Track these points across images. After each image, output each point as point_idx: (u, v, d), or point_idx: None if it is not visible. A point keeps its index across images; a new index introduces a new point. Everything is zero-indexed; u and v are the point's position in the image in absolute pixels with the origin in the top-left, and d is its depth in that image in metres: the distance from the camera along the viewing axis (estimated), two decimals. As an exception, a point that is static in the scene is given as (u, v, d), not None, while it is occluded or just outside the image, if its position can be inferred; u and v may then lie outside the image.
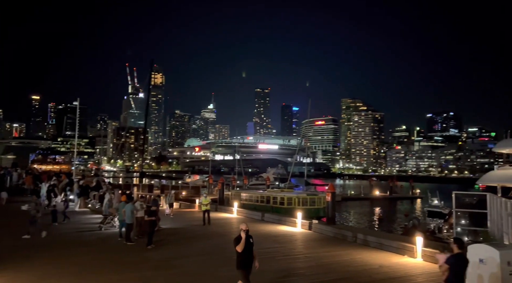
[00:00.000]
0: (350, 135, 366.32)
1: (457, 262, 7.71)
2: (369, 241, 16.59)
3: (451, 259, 7.74)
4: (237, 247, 8.61)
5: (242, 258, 8.75)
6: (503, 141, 32.17)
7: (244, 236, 8.59)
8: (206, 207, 22.31)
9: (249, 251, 8.84)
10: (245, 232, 8.64)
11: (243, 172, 74.24)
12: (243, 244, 8.58)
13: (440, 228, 28.17)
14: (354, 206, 55.21)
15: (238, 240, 8.63)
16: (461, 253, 7.94)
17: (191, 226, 21.67)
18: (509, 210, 15.61)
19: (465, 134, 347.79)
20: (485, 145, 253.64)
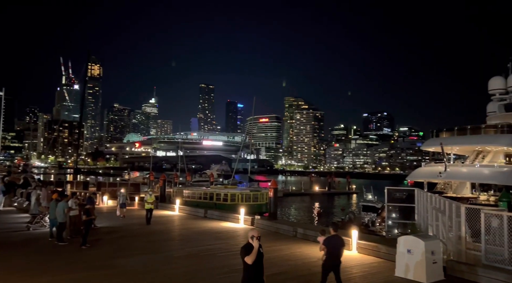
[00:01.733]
0: (292, 132, 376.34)
1: (333, 242, 9.12)
2: (309, 235, 17.19)
3: (328, 240, 9.15)
4: (247, 257, 6.78)
5: (251, 272, 6.93)
6: (429, 140, 35.11)
7: (256, 245, 6.83)
8: (150, 206, 21.34)
9: (260, 264, 7.12)
10: (257, 239, 6.92)
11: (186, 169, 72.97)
12: (255, 254, 6.78)
13: (374, 221, 30.01)
14: (295, 201, 56.83)
15: (247, 249, 6.84)
16: (336, 235, 9.34)
17: (131, 224, 20.89)
18: (434, 203, 17.05)
19: (397, 133, 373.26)
20: (414, 144, 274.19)
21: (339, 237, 9.39)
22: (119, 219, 22.90)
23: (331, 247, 9.09)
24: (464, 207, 12.51)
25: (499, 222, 11.35)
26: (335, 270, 9.14)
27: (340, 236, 9.48)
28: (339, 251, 9.14)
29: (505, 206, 21.10)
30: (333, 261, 9.11)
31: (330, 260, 9.09)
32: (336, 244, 9.15)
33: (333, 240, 9.19)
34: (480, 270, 10.81)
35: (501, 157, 31.25)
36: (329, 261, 9.11)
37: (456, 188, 31.98)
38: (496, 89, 34.43)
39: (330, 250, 9.08)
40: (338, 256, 9.12)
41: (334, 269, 9.14)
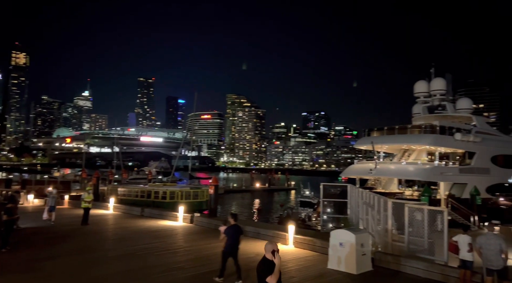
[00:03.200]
0: (234, 130, 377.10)
1: (232, 231, 9.99)
2: (248, 231, 17.36)
3: (228, 229, 10.02)
4: (270, 278, 5.52)
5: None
6: (361, 139, 37.17)
7: (277, 261, 5.64)
8: (87, 205, 20.03)
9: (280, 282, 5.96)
10: (278, 253, 5.70)
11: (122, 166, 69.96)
12: (278, 273, 5.61)
13: (310, 216, 31.13)
14: (236, 198, 57.12)
15: (268, 266, 5.60)
16: (236, 225, 10.26)
17: (59, 225, 19.53)
18: (364, 199, 18.11)
19: (333, 132, 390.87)
20: (348, 142, 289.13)
21: (238, 226, 10.30)
22: (39, 218, 21.22)
23: (230, 236, 9.94)
24: (391, 202, 13.45)
25: (421, 215, 12.37)
26: (234, 257, 10.04)
27: (239, 225, 10.38)
28: (237, 239, 10.03)
29: (426, 200, 23.15)
30: (232, 248, 9.97)
31: (230, 248, 9.94)
32: (235, 233, 10.03)
33: (232, 230, 10.05)
34: (403, 260, 11.71)
35: (424, 155, 34.05)
36: (229, 248, 9.95)
37: (385, 184, 34.28)
38: (420, 92, 37.39)
39: (229, 238, 9.93)
40: (236, 244, 10.00)
41: (233, 255, 10.03)
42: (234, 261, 10.05)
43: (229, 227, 10.20)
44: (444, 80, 36.30)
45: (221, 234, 10.23)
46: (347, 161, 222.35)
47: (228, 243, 9.95)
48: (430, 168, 29.57)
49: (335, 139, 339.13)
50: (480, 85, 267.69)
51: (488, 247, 9.34)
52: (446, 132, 30.69)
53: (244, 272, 11.30)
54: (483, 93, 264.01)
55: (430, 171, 29.15)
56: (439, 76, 36.78)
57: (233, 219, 10.34)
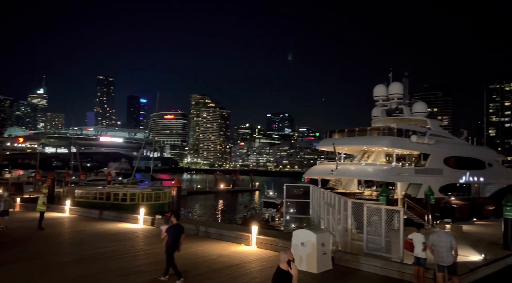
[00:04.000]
0: (198, 130, 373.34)
1: (173, 230, 10.25)
2: (211, 232, 17.27)
3: (169, 228, 10.28)
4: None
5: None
6: (323, 140, 38.02)
7: (294, 271, 5.23)
8: (44, 208, 19.05)
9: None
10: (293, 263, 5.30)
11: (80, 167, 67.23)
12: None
13: (273, 217, 31.41)
14: (199, 199, 56.51)
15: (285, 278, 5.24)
16: (178, 224, 10.56)
17: (11, 229, 18.42)
18: (326, 199, 18.53)
19: (297, 133, 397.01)
20: (311, 144, 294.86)
21: (180, 225, 10.56)
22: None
23: (171, 235, 10.23)
24: (351, 202, 13.85)
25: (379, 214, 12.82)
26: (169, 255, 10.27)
27: (180, 224, 10.65)
28: (178, 238, 10.29)
29: (384, 200, 23.97)
30: (172, 247, 10.22)
31: (170, 246, 10.19)
32: (176, 232, 10.30)
33: (174, 229, 10.32)
34: (362, 258, 12.09)
35: (382, 156, 35.34)
36: (169, 247, 10.19)
37: (345, 184, 35.22)
38: (379, 96, 38.80)
39: (172, 235, 10.22)
40: (176, 243, 10.29)
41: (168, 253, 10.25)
42: (169, 261, 10.26)
43: (170, 226, 10.42)
44: (401, 85, 37.89)
45: (163, 233, 10.39)
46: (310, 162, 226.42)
47: (168, 242, 10.18)
48: (388, 169, 30.72)
49: (299, 140, 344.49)
50: (434, 90, 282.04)
51: (439, 244, 9.85)
52: (403, 134, 32.03)
53: (207, 274, 11.23)
54: (437, 97, 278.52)
55: (387, 172, 30.29)
56: (397, 81, 38.37)
57: (175, 218, 10.61)
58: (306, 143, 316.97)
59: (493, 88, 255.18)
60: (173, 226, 10.41)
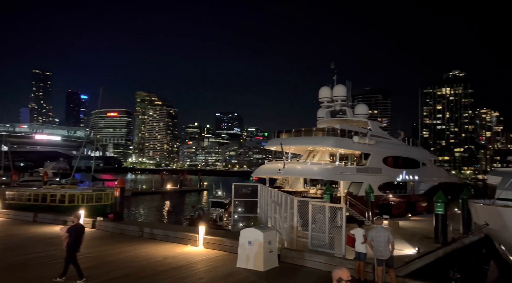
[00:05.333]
0: (144, 129, 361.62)
1: (74, 231, 10.13)
2: (156, 234, 16.81)
3: (70, 229, 10.17)
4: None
5: None
6: (271, 140, 38.59)
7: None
8: None
9: None
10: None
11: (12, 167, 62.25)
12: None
13: (221, 216, 31.35)
14: (144, 200, 54.76)
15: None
16: (79, 224, 10.48)
17: None
18: (273, 197, 18.83)
19: (246, 133, 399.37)
20: (259, 143, 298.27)
21: (81, 225, 10.51)
22: None
23: (75, 234, 10.09)
24: (297, 200, 14.20)
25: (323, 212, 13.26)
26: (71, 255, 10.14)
27: (82, 224, 10.59)
28: (79, 238, 10.20)
29: (328, 198, 24.88)
30: (75, 247, 10.12)
31: (73, 247, 10.05)
32: (77, 232, 10.18)
33: (74, 229, 10.18)
34: (306, 255, 12.43)
35: (327, 156, 36.67)
36: (70, 248, 10.03)
37: (292, 183, 36.05)
38: (324, 97, 40.22)
39: (74, 236, 10.06)
40: (78, 243, 10.18)
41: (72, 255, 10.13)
42: (73, 262, 10.13)
43: (71, 226, 10.26)
44: (345, 87, 39.57)
45: (63, 233, 10.13)
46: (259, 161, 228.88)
47: (70, 242, 10.00)
48: (332, 168, 31.93)
49: (247, 140, 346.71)
50: (374, 93, 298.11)
51: (378, 239, 10.42)
52: (346, 135, 33.47)
53: (152, 276, 10.90)
54: (377, 100, 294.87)
55: (331, 170, 31.47)
56: (341, 83, 40.01)
57: (77, 218, 10.49)
58: (254, 142, 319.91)
59: (427, 92, 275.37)
60: (74, 226, 10.26)
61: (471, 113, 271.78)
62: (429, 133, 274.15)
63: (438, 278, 15.72)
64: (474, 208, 18.67)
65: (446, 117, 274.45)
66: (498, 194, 19.21)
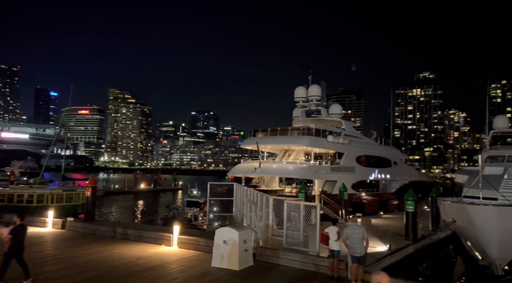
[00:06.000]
0: (117, 127, 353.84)
1: (17, 231, 9.88)
2: (129, 234, 16.50)
3: (12, 230, 9.87)
4: None
5: None
6: (247, 139, 38.57)
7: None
8: None
9: None
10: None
11: (-25, 166, 59.40)
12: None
13: (196, 216, 31.12)
14: (117, 200, 53.64)
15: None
16: (22, 224, 10.21)
17: None
18: (249, 196, 18.84)
19: (222, 132, 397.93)
20: (236, 142, 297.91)
21: (24, 226, 10.23)
22: None
23: (16, 236, 9.77)
24: (272, 199, 14.27)
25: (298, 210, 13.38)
26: (18, 257, 9.83)
27: (25, 225, 10.30)
28: (22, 239, 9.95)
29: (303, 197, 25.15)
30: (17, 250, 9.78)
31: (14, 248, 9.70)
32: (20, 233, 9.94)
33: (17, 230, 9.90)
34: (281, 253, 12.51)
35: (302, 155, 37.01)
36: (13, 250, 9.68)
37: (267, 182, 36.21)
38: (299, 97, 40.56)
39: (16, 236, 9.76)
40: (21, 244, 9.93)
41: (17, 256, 9.80)
42: (19, 262, 9.85)
43: (14, 227, 9.94)
44: (320, 87, 40.04)
45: (5, 235, 9.78)
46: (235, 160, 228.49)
47: (12, 244, 9.68)
48: (307, 167, 32.27)
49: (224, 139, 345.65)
50: (348, 93, 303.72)
51: (353, 236, 10.62)
52: (321, 134, 33.89)
53: (125, 277, 10.68)
54: (351, 100, 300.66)
55: (306, 169, 31.81)
56: (316, 83, 40.47)
57: (19, 219, 10.19)
58: (231, 141, 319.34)
59: (398, 93, 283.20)
60: (17, 227, 9.97)
61: (440, 114, 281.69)
62: (401, 133, 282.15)
63: (408, 274, 16.20)
64: (442, 205, 19.34)
65: (416, 118, 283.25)
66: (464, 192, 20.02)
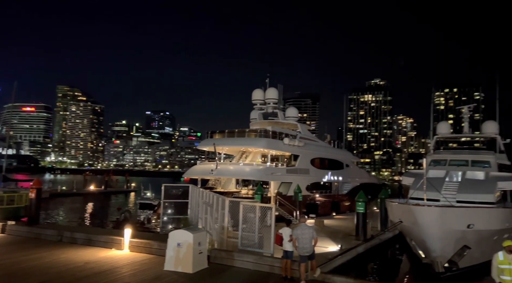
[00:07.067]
0: (66, 126, 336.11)
1: None
2: (77, 238, 15.75)
3: None
4: None
5: None
6: (204, 140, 38.25)
7: None
8: None
9: None
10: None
11: None
12: None
13: (150, 218, 30.37)
14: (65, 203, 50.92)
15: None
16: None
17: None
18: (205, 198, 18.67)
19: (178, 132, 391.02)
20: (192, 143, 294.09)
21: None
22: None
23: None
24: (228, 200, 14.26)
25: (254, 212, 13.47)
26: None
27: None
28: None
29: (259, 198, 25.37)
30: None
31: None
32: None
33: None
34: (236, 255, 12.52)
35: (259, 157, 37.31)
36: None
37: (224, 183, 36.10)
38: (257, 99, 40.90)
39: None
40: None
41: None
42: None
43: None
44: (277, 90, 40.66)
45: None
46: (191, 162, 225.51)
47: None
48: (263, 168, 32.58)
49: (180, 140, 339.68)
50: (304, 97, 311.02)
51: (303, 236, 10.89)
52: (277, 136, 34.39)
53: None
54: (307, 104, 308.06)
55: (263, 171, 32.11)
56: (273, 86, 41.04)
57: None
58: (187, 142, 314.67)
59: (351, 98, 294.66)
60: None
61: (389, 119, 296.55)
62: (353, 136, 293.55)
63: (358, 273, 16.84)
64: (390, 206, 20.32)
65: (368, 122, 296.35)
66: (410, 193, 21.16)
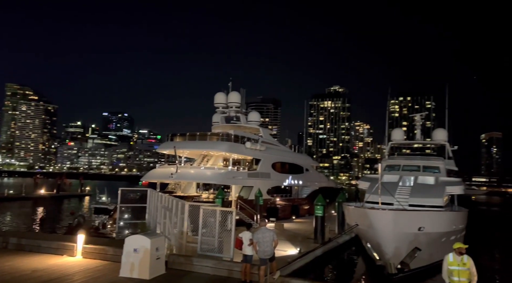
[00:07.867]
0: (14, 126, 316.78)
1: None
2: (24, 244, 14.81)
3: None
4: None
5: None
6: (164, 143, 37.42)
7: None
8: None
9: None
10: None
11: None
12: None
13: (105, 224, 29.14)
14: (12, 207, 47.86)
15: None
16: None
17: None
18: (163, 202, 18.21)
19: (137, 135, 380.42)
20: (152, 146, 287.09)
21: None
22: None
23: None
24: (188, 204, 13.99)
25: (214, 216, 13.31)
26: None
27: None
28: None
29: (219, 202, 25.17)
30: None
31: None
32: None
33: None
34: (195, 260, 12.31)
35: (220, 160, 37.05)
36: None
37: (184, 187, 35.46)
38: (219, 103, 40.70)
39: None
40: None
41: None
42: None
43: None
44: (239, 94, 40.69)
45: None
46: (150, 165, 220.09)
47: None
48: (225, 172, 32.39)
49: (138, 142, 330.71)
50: (266, 102, 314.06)
51: (264, 239, 10.90)
52: (239, 140, 34.34)
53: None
54: (269, 109, 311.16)
55: (224, 175, 31.91)
56: (235, 90, 41.03)
57: None
58: (146, 145, 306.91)
59: (312, 104, 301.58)
60: None
61: (347, 125, 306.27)
62: (313, 141, 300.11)
63: (316, 275, 17.12)
64: (347, 210, 20.88)
65: (327, 128, 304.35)
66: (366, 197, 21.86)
